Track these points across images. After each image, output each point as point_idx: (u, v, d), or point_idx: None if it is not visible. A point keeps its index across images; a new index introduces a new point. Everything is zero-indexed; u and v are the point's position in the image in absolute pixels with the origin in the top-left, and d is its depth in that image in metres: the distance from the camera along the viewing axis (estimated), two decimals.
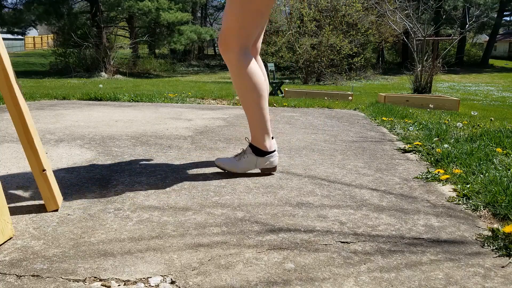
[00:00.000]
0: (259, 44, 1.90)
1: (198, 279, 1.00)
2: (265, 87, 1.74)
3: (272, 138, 1.87)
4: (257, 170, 1.89)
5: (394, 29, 14.15)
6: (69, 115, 3.39)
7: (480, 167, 1.93)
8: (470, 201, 1.56)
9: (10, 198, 1.49)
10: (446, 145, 2.39)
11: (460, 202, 1.58)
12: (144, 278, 1.00)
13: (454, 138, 2.68)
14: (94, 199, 1.51)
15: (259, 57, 1.89)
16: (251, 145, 1.79)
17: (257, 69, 1.71)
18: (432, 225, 1.36)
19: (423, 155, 2.29)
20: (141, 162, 2.02)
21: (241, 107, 4.40)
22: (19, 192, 1.56)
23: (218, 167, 1.84)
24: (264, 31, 1.86)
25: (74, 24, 18.60)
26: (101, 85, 9.11)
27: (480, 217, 1.45)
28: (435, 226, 1.35)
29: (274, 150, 1.81)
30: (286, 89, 9.32)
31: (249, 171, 1.85)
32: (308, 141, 2.62)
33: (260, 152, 1.78)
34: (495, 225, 1.35)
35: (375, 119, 3.69)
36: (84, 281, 0.99)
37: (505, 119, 5.33)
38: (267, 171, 1.83)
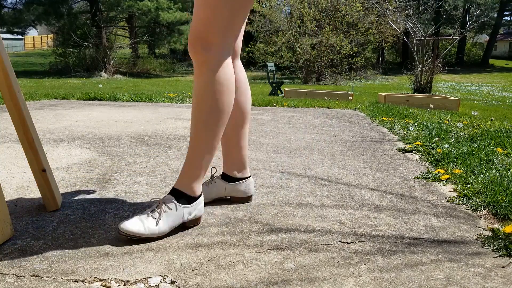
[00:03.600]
0: (240, 44, 1.42)
1: (198, 279, 1.00)
2: (230, 110, 1.27)
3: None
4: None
5: (394, 29, 14.15)
6: (68, 115, 3.38)
7: (480, 167, 1.93)
8: (471, 201, 1.56)
9: (10, 198, 1.49)
10: (446, 145, 2.39)
11: (460, 202, 1.58)
12: (144, 278, 1.00)
13: (454, 138, 2.68)
14: (94, 199, 1.51)
15: (239, 62, 1.44)
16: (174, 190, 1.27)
17: (233, 83, 1.26)
18: (433, 225, 1.36)
19: (423, 155, 2.29)
20: (141, 162, 2.02)
21: None
22: (19, 192, 1.56)
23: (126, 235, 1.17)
24: (244, 28, 1.39)
25: (74, 24, 18.60)
26: (100, 85, 9.11)
27: (481, 217, 1.44)
28: (436, 226, 1.35)
29: (200, 195, 1.30)
30: (286, 89, 9.32)
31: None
32: (308, 141, 2.62)
33: (187, 198, 1.26)
34: (496, 225, 1.35)
35: (375, 119, 3.69)
36: (84, 281, 0.98)
37: (505, 119, 5.33)
38: (193, 223, 1.29)
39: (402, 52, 28.78)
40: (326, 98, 6.94)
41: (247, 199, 1.52)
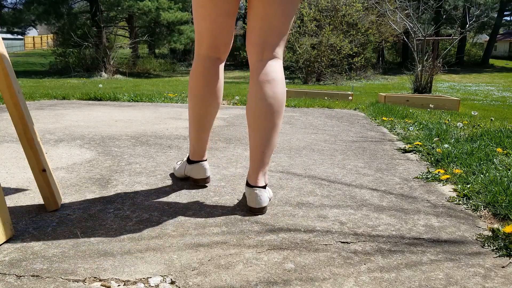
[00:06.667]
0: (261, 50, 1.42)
1: (198, 279, 1.00)
2: (199, 102, 1.53)
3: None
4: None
5: (394, 29, 14.15)
6: (68, 115, 3.38)
7: (480, 167, 1.93)
8: (471, 201, 1.56)
9: (10, 198, 1.49)
10: (446, 145, 2.39)
11: (460, 202, 1.58)
12: (144, 278, 1.00)
13: (454, 138, 2.68)
14: (94, 199, 1.51)
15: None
16: None
17: (197, 79, 1.54)
18: (432, 225, 1.36)
19: (423, 155, 2.29)
20: (141, 162, 2.02)
21: (241, 107, 4.41)
22: (19, 192, 1.56)
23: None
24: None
25: (74, 24, 18.61)
26: (100, 85, 9.11)
27: (481, 217, 1.44)
28: (435, 226, 1.35)
29: (201, 161, 1.64)
30: (286, 89, 9.30)
31: (181, 176, 1.75)
32: (308, 141, 2.62)
33: (188, 159, 1.68)
34: (496, 225, 1.35)
35: (375, 119, 3.69)
36: (84, 281, 0.98)
37: (505, 119, 5.33)
38: (193, 181, 1.69)
39: (402, 52, 28.78)
40: (326, 98, 6.94)
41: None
